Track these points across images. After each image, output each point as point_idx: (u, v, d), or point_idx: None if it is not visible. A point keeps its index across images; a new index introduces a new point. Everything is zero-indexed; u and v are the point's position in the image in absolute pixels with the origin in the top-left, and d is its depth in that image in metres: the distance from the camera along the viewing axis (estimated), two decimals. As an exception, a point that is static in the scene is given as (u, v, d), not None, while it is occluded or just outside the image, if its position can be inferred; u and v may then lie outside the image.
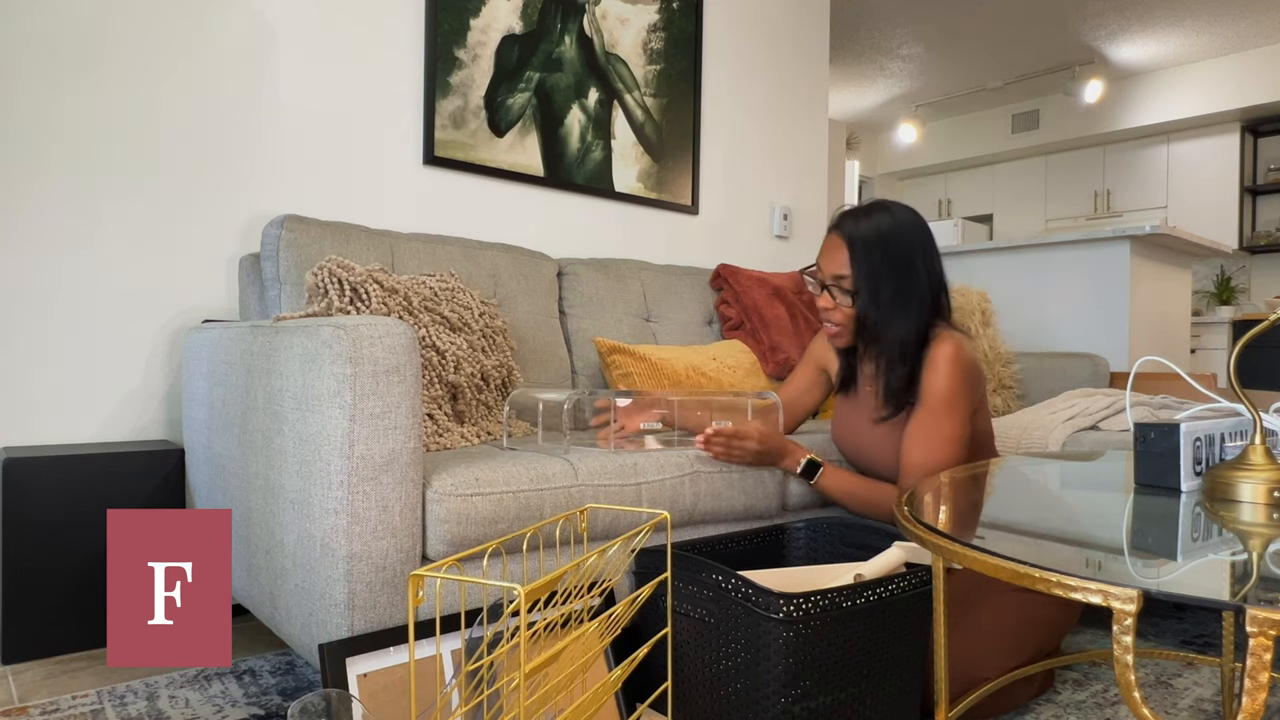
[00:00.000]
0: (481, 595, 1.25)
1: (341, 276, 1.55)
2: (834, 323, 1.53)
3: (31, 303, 1.74)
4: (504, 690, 0.84)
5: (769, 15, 3.12)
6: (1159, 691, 1.46)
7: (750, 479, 1.60)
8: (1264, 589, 0.63)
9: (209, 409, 1.57)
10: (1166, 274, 3.28)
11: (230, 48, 1.95)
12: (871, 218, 1.48)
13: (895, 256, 1.46)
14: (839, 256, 1.49)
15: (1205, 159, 5.94)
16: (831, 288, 1.51)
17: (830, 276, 1.50)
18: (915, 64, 5.77)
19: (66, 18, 1.76)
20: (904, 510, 0.92)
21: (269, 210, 2.01)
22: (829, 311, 1.52)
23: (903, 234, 1.47)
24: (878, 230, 1.47)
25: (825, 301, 1.52)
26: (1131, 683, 0.62)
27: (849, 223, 1.49)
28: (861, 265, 1.46)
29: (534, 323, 2.08)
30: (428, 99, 2.23)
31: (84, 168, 1.78)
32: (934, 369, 1.46)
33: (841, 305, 1.51)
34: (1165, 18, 4.99)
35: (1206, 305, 6.06)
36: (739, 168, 3.02)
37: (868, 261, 1.46)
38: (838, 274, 1.49)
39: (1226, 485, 0.95)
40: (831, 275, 1.50)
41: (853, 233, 1.48)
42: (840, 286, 1.50)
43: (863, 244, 1.46)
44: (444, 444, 1.54)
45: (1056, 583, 0.65)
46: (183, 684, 1.45)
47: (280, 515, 1.27)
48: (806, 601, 1.05)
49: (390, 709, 1.08)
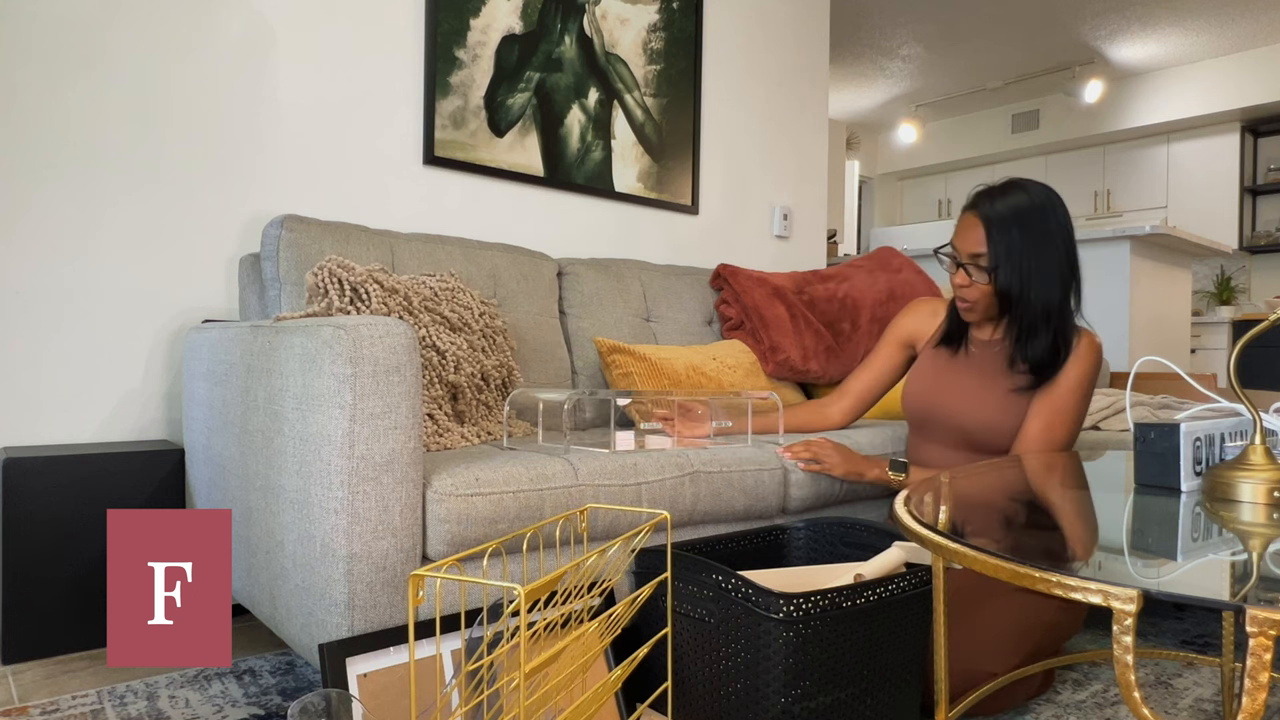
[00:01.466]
0: (481, 595, 1.25)
1: (341, 276, 1.55)
2: (968, 300, 1.56)
3: (31, 303, 1.74)
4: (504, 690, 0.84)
5: (769, 15, 3.12)
6: (1159, 691, 1.46)
7: (750, 479, 1.60)
8: (1264, 589, 0.63)
9: (209, 409, 1.57)
10: (1166, 274, 3.28)
11: (230, 48, 1.95)
12: (1008, 196, 1.52)
13: (1033, 232, 1.50)
14: (975, 235, 1.52)
15: (1205, 159, 5.94)
16: (967, 265, 1.54)
17: (966, 255, 1.53)
18: (915, 64, 5.77)
19: (67, 18, 1.76)
20: (904, 509, 0.92)
21: (269, 210, 2.01)
22: (964, 289, 1.55)
23: (1039, 211, 1.51)
24: (1014, 208, 1.51)
25: (961, 279, 1.55)
26: (1131, 683, 0.62)
27: (985, 202, 1.53)
28: (999, 243, 1.50)
29: (534, 323, 2.08)
30: (428, 99, 2.23)
31: (84, 168, 1.78)
32: (1080, 359, 1.53)
33: (978, 283, 1.54)
34: (1165, 18, 4.99)
35: (1206, 305, 6.06)
36: (739, 168, 3.02)
37: (1005, 239, 1.50)
38: (974, 252, 1.52)
39: (1226, 485, 0.95)
40: (968, 254, 1.53)
41: (989, 212, 1.51)
42: (977, 264, 1.52)
43: (999, 222, 1.50)
44: (444, 444, 1.54)
45: (1056, 583, 0.65)
46: (183, 684, 1.45)
47: (280, 515, 1.27)
48: (806, 601, 1.05)
49: (390, 709, 1.08)
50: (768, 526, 1.50)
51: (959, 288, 1.56)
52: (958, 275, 1.56)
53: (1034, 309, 1.51)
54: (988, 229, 1.50)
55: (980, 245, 1.51)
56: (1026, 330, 1.53)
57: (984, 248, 1.51)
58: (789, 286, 2.46)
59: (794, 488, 1.68)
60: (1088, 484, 1.10)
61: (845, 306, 2.42)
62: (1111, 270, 3.07)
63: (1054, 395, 1.54)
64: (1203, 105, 5.71)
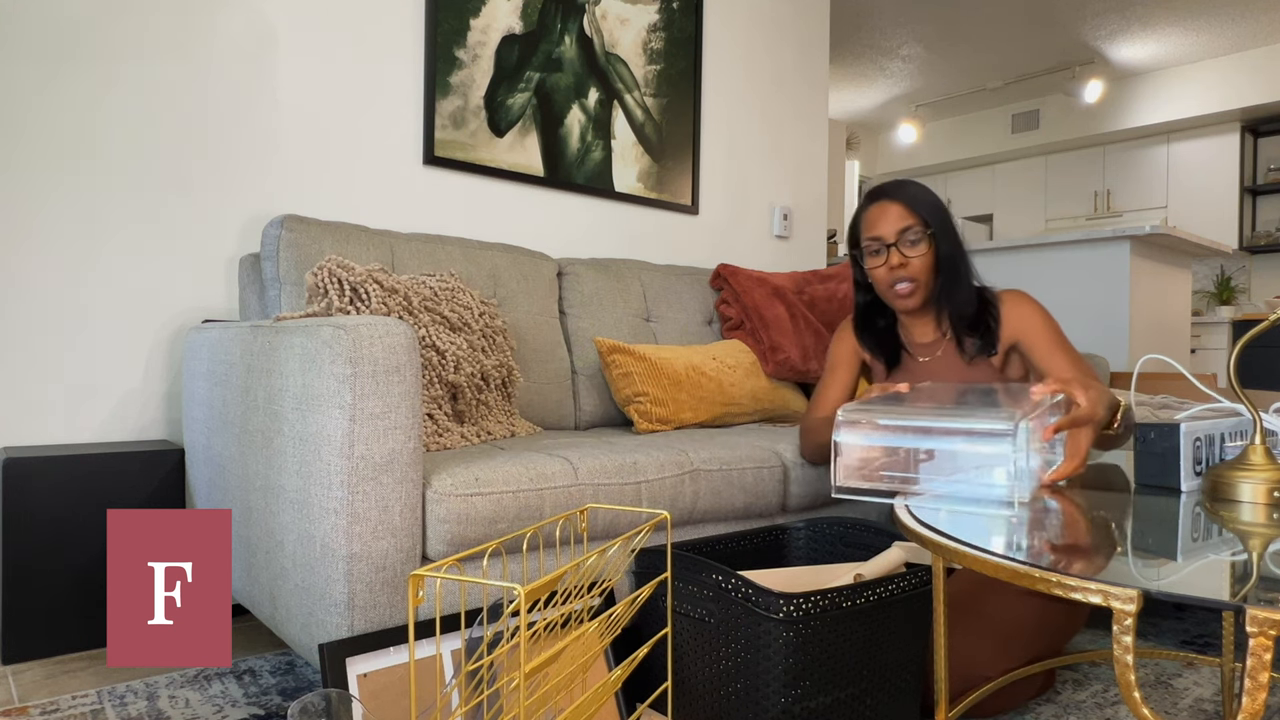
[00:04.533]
0: (481, 595, 1.25)
1: (341, 276, 1.55)
2: (909, 279, 1.52)
3: (32, 303, 1.74)
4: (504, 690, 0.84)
5: (769, 15, 3.12)
6: (1159, 691, 1.46)
7: (750, 478, 1.60)
8: (1264, 589, 0.63)
9: (209, 409, 1.57)
10: (1166, 274, 3.28)
11: (230, 48, 1.95)
12: (899, 183, 1.55)
13: (936, 199, 1.54)
14: (895, 213, 1.51)
15: (1205, 159, 5.94)
16: (899, 244, 1.51)
17: (895, 234, 1.51)
18: (915, 64, 5.77)
19: (67, 17, 1.76)
20: (906, 509, 0.92)
21: (269, 210, 2.01)
22: (900, 269, 1.51)
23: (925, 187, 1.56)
24: (913, 185, 1.54)
25: (896, 259, 1.51)
26: (1131, 683, 0.62)
27: (888, 188, 1.54)
28: (924, 210, 1.51)
29: (534, 323, 2.08)
30: (428, 99, 2.23)
31: (84, 168, 1.78)
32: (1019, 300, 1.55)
33: (916, 255, 1.51)
34: (1165, 18, 4.99)
35: (1206, 305, 6.06)
36: (739, 168, 3.02)
37: (926, 205, 1.51)
38: (903, 227, 1.51)
39: (1226, 485, 0.95)
40: (896, 232, 1.51)
41: (897, 193, 1.52)
42: (908, 239, 1.51)
43: (912, 195, 1.52)
44: (444, 444, 1.54)
45: (1056, 583, 0.65)
46: (183, 684, 1.45)
47: (280, 515, 1.27)
48: (806, 601, 1.05)
49: (390, 709, 1.08)
50: (768, 526, 1.50)
51: (895, 270, 1.51)
52: (891, 258, 1.51)
53: (968, 280, 1.53)
54: (908, 204, 1.51)
55: (907, 218, 1.50)
56: (965, 303, 1.54)
57: (912, 219, 1.50)
58: (789, 286, 2.46)
59: (794, 485, 1.67)
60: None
61: (845, 306, 2.42)
62: (1111, 270, 3.07)
63: (1043, 343, 1.51)
64: (1203, 105, 5.70)
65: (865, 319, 1.67)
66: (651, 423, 1.94)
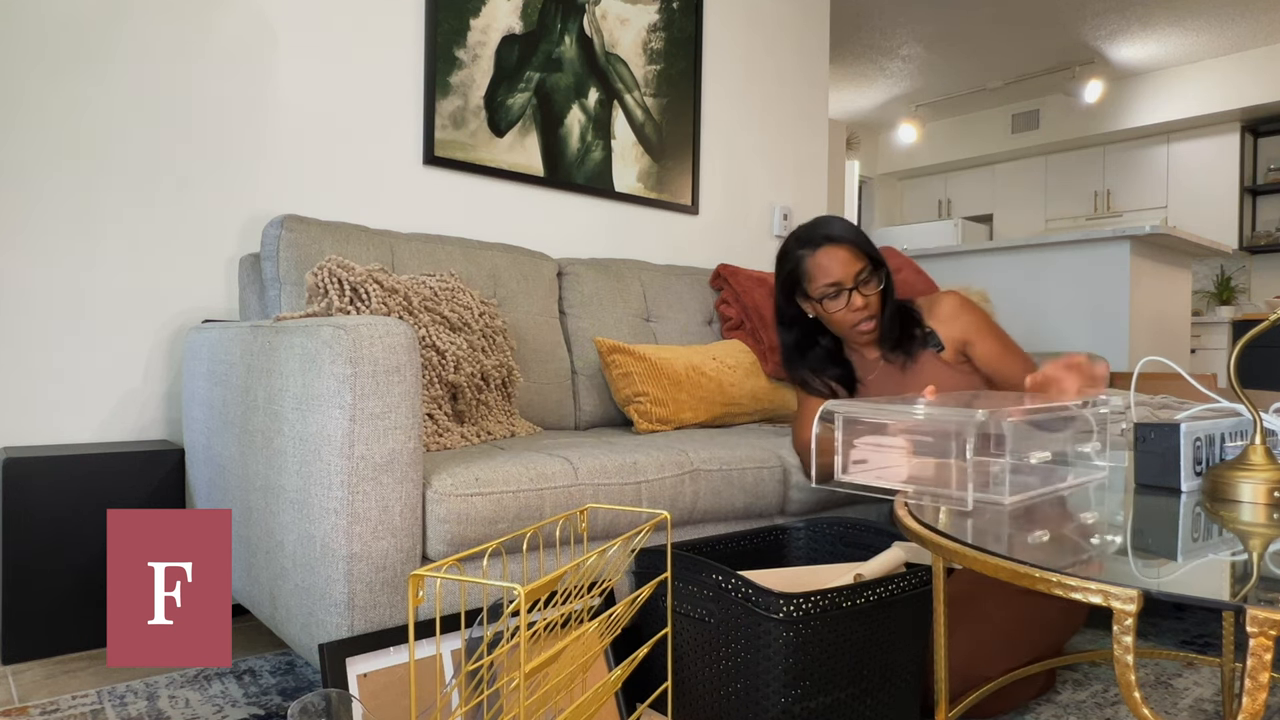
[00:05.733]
0: (481, 595, 1.25)
1: (341, 276, 1.55)
2: (870, 316, 1.58)
3: (31, 303, 1.74)
4: (504, 690, 0.84)
5: (769, 15, 3.12)
6: (1159, 691, 1.46)
7: (750, 478, 1.60)
8: (1264, 589, 0.63)
9: (209, 409, 1.57)
10: (1166, 274, 3.28)
11: (230, 48, 1.95)
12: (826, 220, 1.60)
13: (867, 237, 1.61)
14: (845, 256, 1.55)
15: (1205, 159, 5.93)
16: (857, 287, 1.55)
17: (851, 277, 1.55)
18: (915, 64, 5.77)
19: (67, 18, 1.76)
20: (905, 510, 0.92)
21: (269, 210, 2.01)
22: (864, 309, 1.56)
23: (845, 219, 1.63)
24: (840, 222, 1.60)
25: (858, 301, 1.56)
26: (1132, 683, 0.62)
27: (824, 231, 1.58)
28: (868, 248, 1.57)
29: (534, 323, 2.08)
30: (428, 99, 2.23)
31: (84, 168, 1.78)
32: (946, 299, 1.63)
33: (872, 294, 1.57)
34: (1165, 18, 4.98)
35: (1206, 305, 6.06)
36: (739, 168, 3.02)
37: (868, 243, 1.58)
38: (857, 270, 1.55)
39: (1227, 485, 0.95)
40: (853, 276, 1.55)
41: (836, 234, 1.57)
42: (864, 280, 1.56)
43: (847, 234, 1.57)
44: (444, 444, 1.54)
45: (1056, 583, 0.65)
46: (183, 684, 1.45)
47: (280, 515, 1.27)
48: (806, 601, 1.05)
49: (390, 709, 1.08)
50: (768, 526, 1.50)
51: (859, 311, 1.56)
52: (853, 301, 1.55)
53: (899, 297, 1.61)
54: (856, 245, 1.56)
55: (858, 260, 1.55)
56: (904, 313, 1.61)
57: (862, 260, 1.55)
58: (789, 286, 2.45)
59: (794, 486, 1.67)
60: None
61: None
62: (1111, 270, 3.07)
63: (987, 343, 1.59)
64: (1203, 105, 5.70)
65: (802, 351, 1.68)
66: (651, 423, 1.94)
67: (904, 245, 5.00)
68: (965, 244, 3.49)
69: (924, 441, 1.00)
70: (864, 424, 1.07)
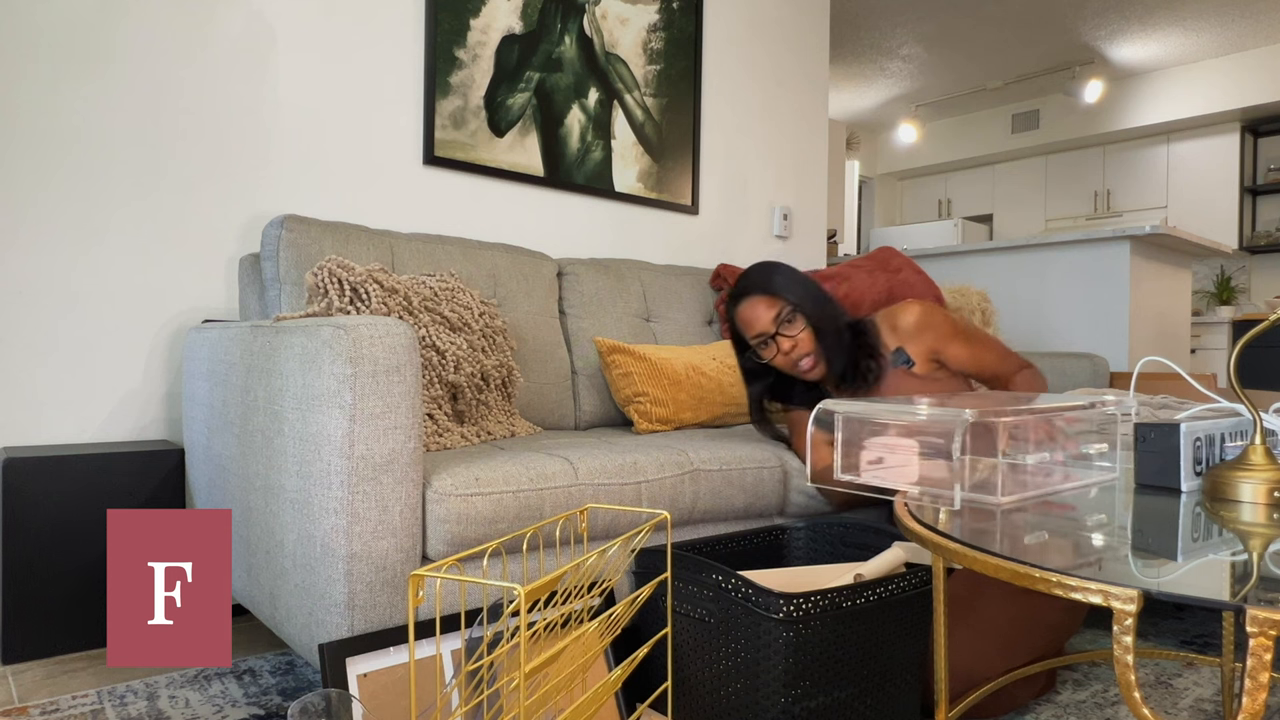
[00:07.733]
0: (481, 595, 1.25)
1: (341, 276, 1.55)
2: (804, 355, 1.58)
3: (32, 302, 1.74)
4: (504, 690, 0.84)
5: (769, 15, 3.12)
6: (1159, 691, 1.46)
7: (750, 478, 1.60)
8: (1264, 589, 0.63)
9: (209, 409, 1.57)
10: (1166, 274, 3.28)
11: (230, 48, 1.95)
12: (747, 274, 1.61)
13: (785, 271, 1.60)
14: (761, 305, 1.58)
15: (1205, 159, 5.93)
16: (780, 332, 1.57)
17: (772, 324, 1.57)
18: (915, 64, 5.77)
19: (67, 18, 1.76)
20: (905, 510, 0.92)
21: (269, 210, 2.01)
22: (793, 351, 1.58)
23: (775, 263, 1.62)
24: (760, 271, 1.60)
25: (785, 345, 1.57)
26: (1131, 683, 0.62)
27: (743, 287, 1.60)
28: (783, 290, 1.57)
29: (534, 323, 2.08)
30: (428, 99, 2.23)
31: (84, 168, 1.78)
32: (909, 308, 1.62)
33: (796, 333, 1.57)
34: (1165, 18, 4.99)
35: (1206, 305, 6.06)
36: (739, 168, 3.02)
37: (783, 285, 1.57)
38: (774, 315, 1.57)
39: (1227, 485, 0.95)
40: (771, 321, 1.57)
41: (754, 285, 1.58)
42: (786, 321, 1.57)
43: (765, 281, 1.58)
44: (444, 444, 1.54)
45: (1056, 583, 0.65)
46: (183, 684, 1.45)
47: (280, 515, 1.27)
48: (806, 601, 1.05)
49: (390, 709, 1.08)
50: (768, 526, 1.50)
51: (789, 354, 1.57)
52: (781, 345, 1.57)
53: (837, 314, 1.59)
54: (767, 293, 1.57)
55: (774, 305, 1.57)
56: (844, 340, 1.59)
57: (778, 304, 1.57)
58: (789, 286, 2.45)
59: (794, 486, 1.67)
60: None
61: (845, 306, 2.42)
62: (1111, 270, 3.07)
63: (956, 346, 1.60)
64: (1203, 105, 5.70)
65: (783, 390, 1.70)
66: (651, 423, 1.94)
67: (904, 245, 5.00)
68: (965, 244, 3.49)
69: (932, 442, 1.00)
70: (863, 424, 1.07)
